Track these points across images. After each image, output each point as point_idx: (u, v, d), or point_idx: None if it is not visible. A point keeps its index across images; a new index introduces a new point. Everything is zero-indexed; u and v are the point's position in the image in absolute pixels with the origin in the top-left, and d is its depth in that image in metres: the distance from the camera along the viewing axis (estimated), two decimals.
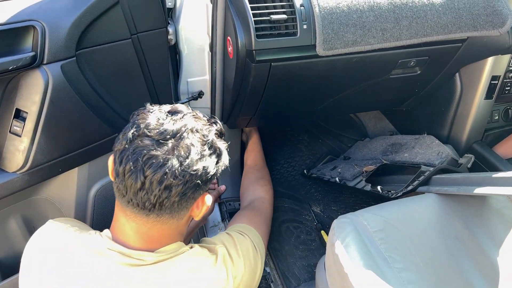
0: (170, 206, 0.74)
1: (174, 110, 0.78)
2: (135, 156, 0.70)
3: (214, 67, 1.25)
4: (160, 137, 0.72)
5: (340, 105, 1.39)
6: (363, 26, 1.04)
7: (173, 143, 0.72)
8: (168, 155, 0.70)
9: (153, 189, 0.71)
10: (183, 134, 0.73)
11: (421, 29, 1.09)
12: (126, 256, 0.75)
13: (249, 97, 1.18)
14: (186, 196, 0.74)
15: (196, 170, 0.73)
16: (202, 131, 0.76)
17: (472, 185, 1.01)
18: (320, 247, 1.46)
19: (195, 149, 0.73)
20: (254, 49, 1.01)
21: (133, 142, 0.72)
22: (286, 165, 1.82)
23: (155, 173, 0.70)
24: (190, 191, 0.74)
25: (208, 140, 0.76)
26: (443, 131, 1.42)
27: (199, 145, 0.74)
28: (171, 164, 0.70)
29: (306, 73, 1.13)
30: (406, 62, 1.20)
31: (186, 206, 0.77)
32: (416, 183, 1.18)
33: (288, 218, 1.56)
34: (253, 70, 1.06)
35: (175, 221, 0.78)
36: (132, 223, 0.76)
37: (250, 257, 0.92)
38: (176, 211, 0.76)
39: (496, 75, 1.26)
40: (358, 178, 1.44)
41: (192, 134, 0.74)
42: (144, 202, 0.72)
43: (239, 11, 1.03)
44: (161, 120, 0.74)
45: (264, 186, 1.38)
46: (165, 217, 0.76)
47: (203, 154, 0.74)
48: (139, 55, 1.08)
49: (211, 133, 0.79)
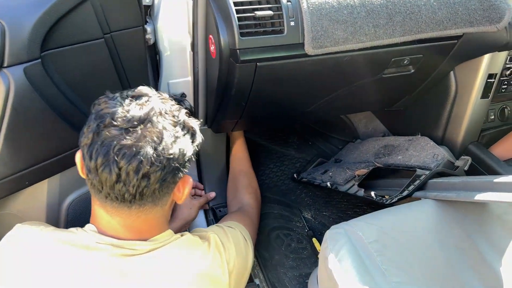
0: (151, 194, 0.71)
1: (138, 94, 0.74)
2: (105, 149, 0.67)
3: (197, 68, 1.18)
4: (128, 125, 0.68)
5: (330, 107, 1.32)
6: (354, 23, 0.97)
7: (143, 129, 0.69)
8: (140, 142, 0.67)
9: (131, 179, 0.68)
10: (152, 119, 0.70)
11: (415, 25, 1.03)
12: (119, 247, 0.73)
13: (234, 99, 1.10)
14: (166, 181, 0.72)
15: (172, 154, 0.70)
16: (171, 112, 0.74)
17: (472, 190, 0.95)
18: (312, 255, 1.39)
19: (168, 132, 0.70)
20: (237, 48, 0.94)
21: (100, 134, 0.69)
22: (275, 169, 1.75)
23: (130, 162, 0.67)
24: (169, 175, 0.71)
25: (179, 121, 0.74)
26: (438, 132, 1.36)
27: (171, 127, 0.72)
28: (145, 151, 0.67)
29: (295, 74, 1.06)
30: (399, 61, 1.14)
31: (167, 191, 0.75)
32: (411, 188, 1.12)
33: (278, 225, 1.49)
34: (237, 71, 0.99)
35: (159, 208, 0.76)
36: (116, 217, 0.73)
37: (240, 245, 0.93)
38: (158, 198, 0.74)
39: (492, 73, 1.21)
40: (350, 183, 1.38)
41: (161, 117, 0.71)
42: (123, 194, 0.69)
43: (221, 7, 0.96)
44: (126, 106, 0.71)
45: (251, 194, 1.34)
46: (148, 206, 0.73)
47: (176, 136, 0.72)
48: (114, 56, 1.00)
49: (181, 113, 0.76)
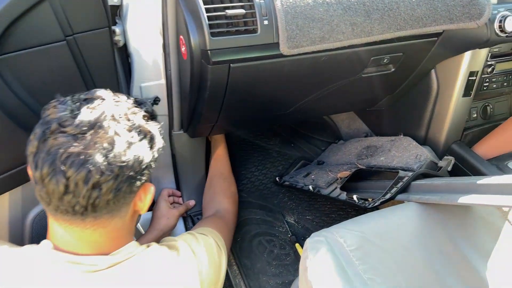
0: (105, 206, 0.66)
1: (90, 97, 0.69)
2: (51, 157, 0.63)
3: (169, 70, 1.13)
4: (77, 131, 0.63)
5: (310, 108, 1.28)
6: (330, 21, 0.93)
7: (93, 135, 0.64)
8: (89, 149, 0.63)
9: (80, 190, 0.63)
10: (102, 123, 0.65)
11: (394, 22, 0.99)
12: (77, 264, 0.68)
13: (208, 102, 1.05)
14: (121, 191, 0.67)
15: (125, 161, 0.65)
16: (126, 116, 0.69)
17: (456, 192, 0.92)
18: (295, 261, 1.35)
19: (120, 138, 0.65)
20: (208, 49, 0.89)
21: (46, 141, 0.64)
22: (257, 173, 1.70)
23: (78, 172, 0.62)
24: (124, 185, 0.66)
25: (134, 125, 0.69)
26: (420, 132, 1.33)
27: (125, 132, 0.67)
28: (95, 159, 0.62)
29: (271, 75, 1.01)
30: (379, 59, 1.10)
31: (125, 202, 0.70)
32: (394, 191, 1.09)
33: (260, 231, 1.44)
34: (209, 73, 0.94)
35: (118, 220, 0.71)
36: (71, 232, 0.68)
37: (213, 253, 0.88)
38: (115, 209, 0.68)
39: (473, 71, 1.18)
40: (333, 186, 1.34)
41: (114, 122, 0.66)
42: (73, 206, 0.64)
43: (190, 6, 0.91)
44: (75, 111, 0.65)
45: (229, 198, 1.28)
46: (104, 217, 0.68)
47: (131, 141, 0.67)
48: (78, 60, 0.94)
49: (138, 116, 0.71)
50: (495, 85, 1.26)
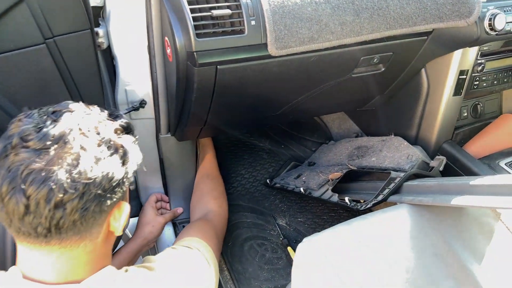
0: (71, 227, 0.61)
1: (59, 109, 0.64)
2: (11, 174, 0.58)
3: (155, 73, 1.10)
4: (40, 145, 0.59)
5: (300, 109, 1.26)
6: (319, 20, 0.91)
7: (57, 150, 0.59)
8: (52, 165, 0.58)
9: (42, 210, 0.58)
10: (67, 137, 0.60)
11: (383, 21, 0.97)
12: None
13: (196, 105, 1.03)
14: (88, 211, 0.61)
15: (92, 178, 0.60)
16: (96, 129, 0.64)
17: (449, 193, 0.91)
18: (288, 265, 1.33)
19: (87, 153, 0.60)
20: (194, 50, 0.87)
21: (7, 157, 0.59)
22: (247, 175, 1.67)
23: (39, 190, 0.57)
24: (92, 204, 0.61)
25: (104, 139, 0.64)
26: (411, 131, 1.32)
27: (93, 147, 0.62)
28: (57, 176, 0.57)
29: (259, 76, 0.99)
30: (369, 59, 1.09)
31: (96, 222, 0.64)
32: (386, 192, 1.08)
33: (252, 235, 1.42)
34: (196, 75, 0.91)
35: (88, 242, 0.65)
36: (37, 256, 0.63)
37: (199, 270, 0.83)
38: (84, 230, 0.63)
39: (464, 70, 1.17)
40: (324, 187, 1.32)
41: (81, 136, 0.61)
42: (35, 227, 0.59)
43: (174, 6, 0.88)
44: (40, 124, 0.61)
45: (217, 199, 1.24)
46: (72, 240, 0.62)
47: (98, 157, 0.61)
48: (59, 63, 0.91)
49: (108, 129, 0.66)
50: (485, 84, 1.26)
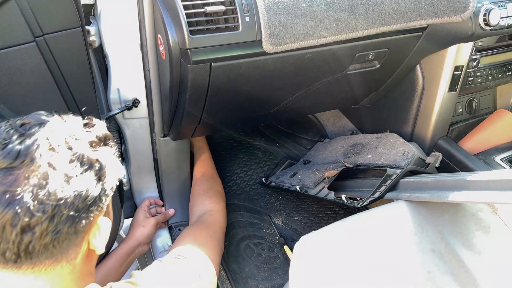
0: (43, 251, 0.57)
1: (27, 121, 0.59)
2: None
3: (148, 71, 1.08)
4: (5, 164, 0.54)
5: (295, 107, 1.25)
6: (314, 17, 0.90)
7: (23, 168, 0.54)
8: (17, 186, 0.53)
9: (8, 235, 0.54)
10: (34, 154, 0.55)
11: (378, 17, 0.97)
12: None
13: (190, 103, 1.01)
14: (61, 233, 0.57)
15: (62, 199, 0.55)
16: (67, 143, 0.59)
17: (445, 190, 0.90)
18: (284, 264, 1.32)
19: (56, 172, 0.56)
20: (188, 47, 0.85)
21: None
22: (242, 174, 1.66)
23: (3, 214, 0.53)
24: (64, 226, 0.57)
25: (76, 154, 0.58)
26: (407, 128, 1.32)
27: (63, 163, 0.57)
28: (22, 198, 0.53)
29: (254, 74, 0.98)
30: (364, 56, 1.08)
31: (71, 243, 0.60)
32: (383, 189, 1.07)
33: (248, 235, 1.41)
34: (190, 73, 0.90)
35: (65, 264, 0.60)
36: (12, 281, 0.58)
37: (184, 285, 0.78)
38: (59, 253, 0.59)
39: (459, 65, 1.17)
40: (320, 185, 1.32)
41: (49, 152, 0.56)
42: (3, 253, 0.55)
43: (167, 3, 0.87)
44: (6, 139, 0.56)
45: (212, 198, 1.22)
46: (46, 263, 0.58)
47: (70, 175, 0.57)
48: (49, 62, 0.89)
49: (82, 143, 0.60)
50: (480, 79, 1.25)
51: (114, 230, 1.13)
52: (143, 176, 1.36)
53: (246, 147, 1.78)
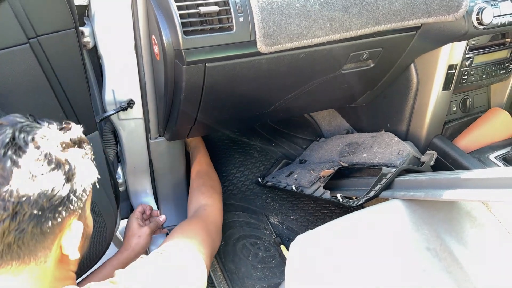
0: (8, 251, 0.57)
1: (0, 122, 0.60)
2: None
3: (142, 72, 1.08)
4: None
5: (290, 107, 1.25)
6: (308, 16, 0.90)
7: None
8: None
9: None
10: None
11: (372, 17, 0.97)
12: None
13: (185, 104, 1.01)
14: (26, 232, 0.57)
15: (25, 196, 0.55)
16: (35, 143, 0.59)
17: (440, 188, 0.91)
18: (281, 263, 1.32)
19: (20, 170, 0.56)
20: (182, 48, 0.85)
21: None
22: (238, 174, 1.66)
23: None
24: (28, 225, 0.56)
25: (44, 153, 0.59)
26: (402, 127, 1.32)
27: (30, 162, 0.57)
28: None
29: (248, 74, 0.98)
30: (358, 55, 1.08)
31: (39, 245, 0.59)
32: (378, 188, 1.07)
33: (244, 234, 1.41)
34: (184, 73, 0.90)
35: (34, 267, 0.60)
36: None
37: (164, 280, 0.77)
38: (26, 254, 0.58)
39: (452, 64, 1.18)
40: (316, 185, 1.32)
41: (14, 150, 0.57)
42: None
43: (161, 4, 0.87)
44: None
45: (205, 193, 1.21)
46: (11, 265, 0.58)
47: (34, 173, 0.57)
48: (43, 63, 0.88)
49: (51, 143, 0.61)
50: (473, 78, 1.26)
51: (110, 231, 1.12)
52: (139, 176, 1.35)
53: (242, 147, 1.79)
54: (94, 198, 1.03)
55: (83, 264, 1.06)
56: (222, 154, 1.74)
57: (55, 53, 0.90)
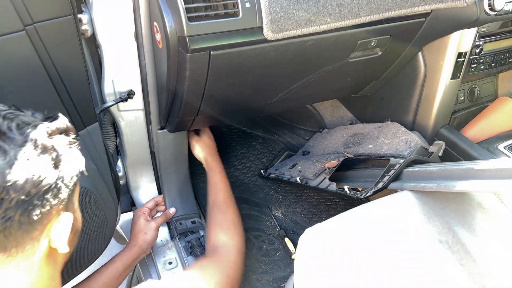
0: None
1: None
2: None
3: (143, 61, 1.04)
4: None
5: (295, 97, 1.22)
6: (316, 2, 0.87)
7: None
8: None
9: None
10: None
11: (381, 2, 0.94)
12: None
13: (188, 94, 0.98)
14: (13, 221, 0.55)
15: (11, 181, 0.53)
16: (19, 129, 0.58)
17: (452, 179, 0.88)
18: (285, 256, 1.30)
19: (6, 154, 0.54)
20: (186, 35, 0.82)
21: None
22: (240, 166, 1.64)
23: None
24: (15, 213, 0.54)
25: (30, 138, 0.57)
26: (408, 117, 1.30)
27: (14, 147, 0.56)
28: None
29: (254, 62, 0.95)
30: (366, 43, 1.05)
31: (26, 235, 0.57)
32: (386, 179, 1.05)
33: (247, 227, 1.39)
34: (188, 62, 0.87)
35: (21, 261, 0.58)
36: None
37: None
38: (13, 245, 0.57)
39: (462, 52, 1.15)
40: (321, 176, 1.29)
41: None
42: None
43: None
44: None
45: (227, 231, 1.09)
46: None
47: (20, 158, 0.55)
48: (40, 51, 0.85)
49: (37, 130, 0.59)
50: (482, 66, 1.23)
51: (111, 224, 1.10)
52: (140, 169, 1.32)
53: (244, 139, 1.76)
54: (95, 191, 1.01)
55: (88, 256, 1.04)
56: (224, 145, 1.71)
57: (52, 41, 0.86)
